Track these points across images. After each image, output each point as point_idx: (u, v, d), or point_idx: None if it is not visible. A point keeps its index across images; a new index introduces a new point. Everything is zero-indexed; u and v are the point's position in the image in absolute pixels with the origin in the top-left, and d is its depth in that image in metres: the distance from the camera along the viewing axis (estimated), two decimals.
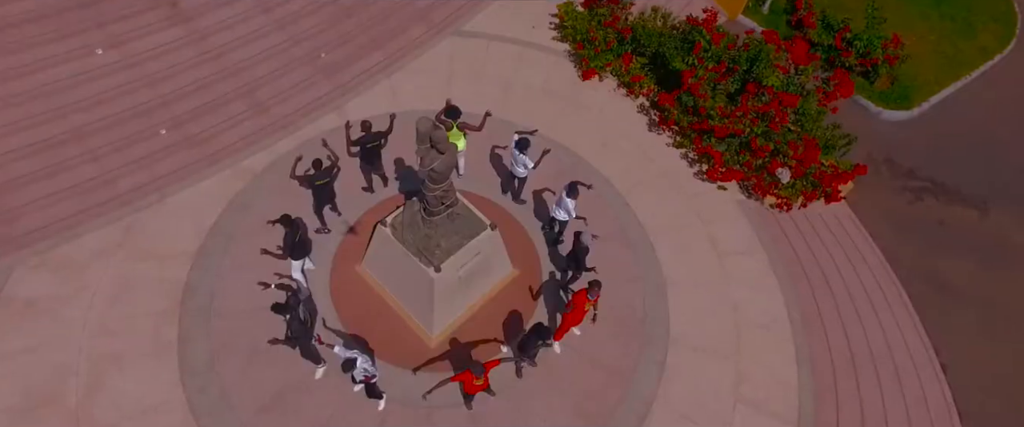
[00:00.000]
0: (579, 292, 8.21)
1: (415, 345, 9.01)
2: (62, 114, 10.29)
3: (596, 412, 8.71)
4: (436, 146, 7.14)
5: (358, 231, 10.08)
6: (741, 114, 11.17)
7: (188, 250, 9.69)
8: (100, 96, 10.60)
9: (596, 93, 12.97)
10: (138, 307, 9.07)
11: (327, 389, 8.62)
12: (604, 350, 9.31)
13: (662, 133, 12.41)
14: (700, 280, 10.31)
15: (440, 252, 8.30)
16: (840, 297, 10.38)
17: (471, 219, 8.66)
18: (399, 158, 11.20)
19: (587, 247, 8.68)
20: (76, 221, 9.67)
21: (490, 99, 12.35)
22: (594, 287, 8.00)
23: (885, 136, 13.27)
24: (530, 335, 8.05)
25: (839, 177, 10.94)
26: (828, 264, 10.83)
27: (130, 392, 8.35)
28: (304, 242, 8.87)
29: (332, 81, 12.15)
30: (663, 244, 10.68)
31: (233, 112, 11.29)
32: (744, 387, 9.18)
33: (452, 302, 8.81)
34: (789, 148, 10.92)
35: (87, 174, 10.03)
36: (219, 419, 8.25)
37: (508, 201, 10.85)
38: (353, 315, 9.22)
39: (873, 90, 13.93)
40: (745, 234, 11.03)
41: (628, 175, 11.61)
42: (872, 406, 9.12)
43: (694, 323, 9.78)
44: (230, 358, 8.74)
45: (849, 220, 11.87)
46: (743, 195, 11.65)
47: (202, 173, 10.57)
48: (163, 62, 11.27)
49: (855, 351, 9.71)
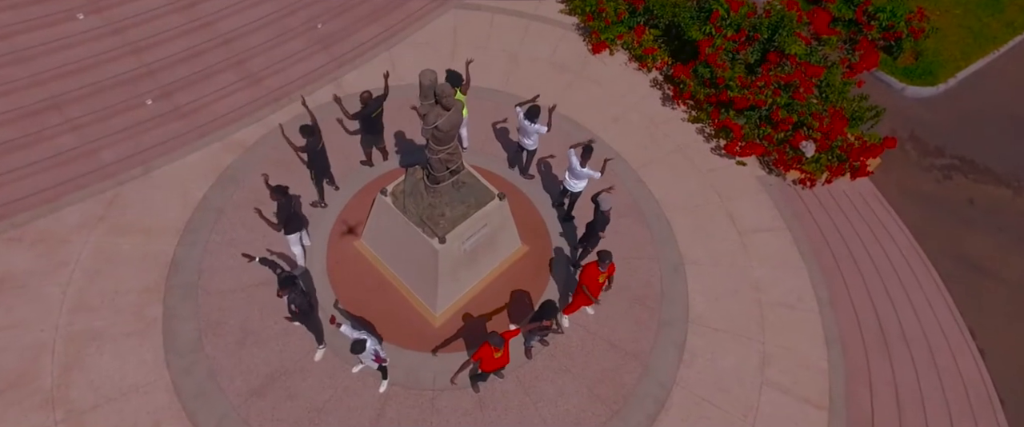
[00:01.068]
0: (589, 265, 7.59)
1: (418, 325, 8.39)
2: (39, 81, 9.68)
3: (611, 396, 8.10)
4: (441, 101, 6.53)
5: (356, 206, 9.47)
6: (762, 84, 10.55)
7: (174, 225, 9.08)
8: (81, 63, 9.98)
9: (606, 67, 12.36)
10: (120, 283, 8.46)
11: (324, 372, 8.01)
12: (619, 331, 8.70)
13: (676, 107, 11.79)
14: (720, 258, 9.70)
15: (444, 222, 7.68)
16: (868, 276, 9.76)
17: (478, 188, 8.04)
18: (399, 131, 10.61)
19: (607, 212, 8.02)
20: (55, 193, 9.05)
21: (495, 72, 11.78)
22: (605, 258, 7.37)
23: (909, 113, 12.65)
24: (539, 314, 7.41)
25: (867, 150, 10.31)
26: (854, 242, 10.22)
27: (110, 372, 7.74)
28: (297, 216, 8.24)
29: (329, 52, 11.55)
30: (680, 221, 10.08)
31: (223, 83, 10.68)
32: (770, 370, 8.57)
33: (457, 278, 8.20)
34: (814, 120, 10.30)
35: (67, 144, 9.42)
36: (206, 402, 7.63)
37: (516, 176, 10.24)
38: (352, 294, 8.61)
39: (896, 66, 13.31)
40: (766, 211, 10.41)
41: (641, 150, 11.00)
42: (908, 389, 8.51)
43: (715, 303, 9.17)
44: (219, 338, 8.13)
45: (874, 198, 11.25)
46: (763, 171, 11.04)
47: (190, 146, 9.96)
48: (149, 29, 10.66)
49: (887, 331, 9.09)
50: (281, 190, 7.72)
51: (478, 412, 7.79)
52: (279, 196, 7.73)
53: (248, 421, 7.56)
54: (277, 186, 7.74)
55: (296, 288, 6.99)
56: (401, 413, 7.73)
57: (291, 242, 8.33)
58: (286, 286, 6.87)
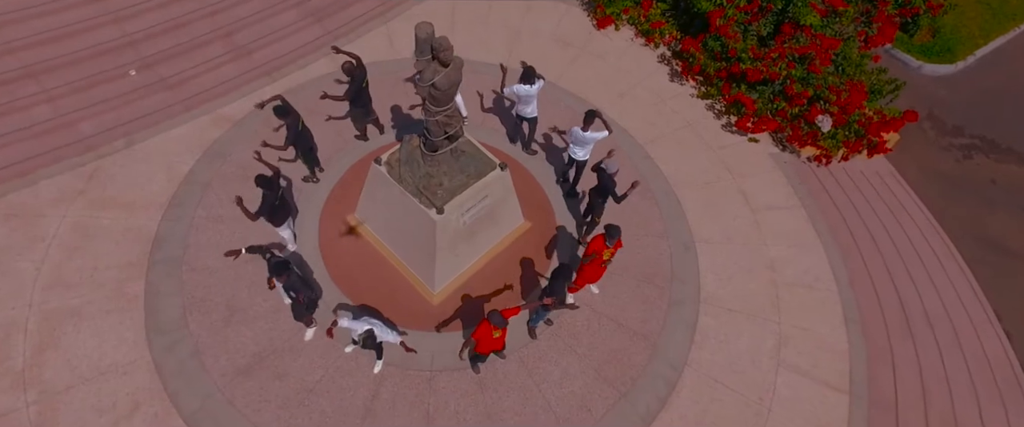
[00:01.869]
0: (595, 238, 7.12)
1: (415, 303, 7.93)
2: (12, 49, 9.18)
3: (619, 377, 7.64)
4: (438, 56, 6.04)
5: (351, 180, 9.00)
6: (776, 56, 10.07)
7: (158, 200, 8.62)
8: (59, 31, 9.49)
9: (612, 42, 11.89)
10: (100, 259, 7.99)
11: (314, 350, 7.55)
12: (627, 310, 8.23)
13: (685, 83, 11.32)
14: (733, 236, 9.23)
15: (442, 192, 7.21)
16: (888, 256, 9.30)
17: (478, 157, 7.57)
18: (396, 105, 10.15)
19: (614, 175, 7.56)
20: (30, 166, 8.58)
21: (496, 46, 11.32)
22: (613, 232, 6.90)
23: (927, 91, 12.20)
24: (553, 280, 6.93)
25: (886, 125, 9.83)
26: (872, 221, 9.75)
27: (87, 351, 7.27)
28: (286, 205, 7.70)
29: (322, 26, 11.08)
30: (690, 198, 9.61)
31: (211, 55, 10.20)
32: (786, 352, 8.10)
33: (456, 253, 7.72)
34: (831, 93, 9.81)
35: (43, 115, 8.94)
36: (189, 381, 7.17)
37: (518, 151, 9.77)
38: (345, 271, 8.14)
39: (912, 43, 12.85)
40: (780, 188, 9.94)
41: (649, 127, 10.54)
42: (932, 372, 8.05)
43: (727, 282, 8.71)
44: (204, 315, 7.66)
45: (891, 177, 10.79)
46: (776, 147, 10.56)
47: (176, 119, 9.49)
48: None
49: (909, 313, 8.63)
50: (265, 180, 7.06)
51: (478, 393, 7.32)
52: (263, 186, 7.13)
53: (234, 401, 7.10)
54: (260, 176, 7.07)
55: (292, 274, 6.47)
56: (397, 394, 7.27)
57: (280, 229, 7.83)
58: (280, 272, 6.35)
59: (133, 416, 6.89)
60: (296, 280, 6.52)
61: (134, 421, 6.86)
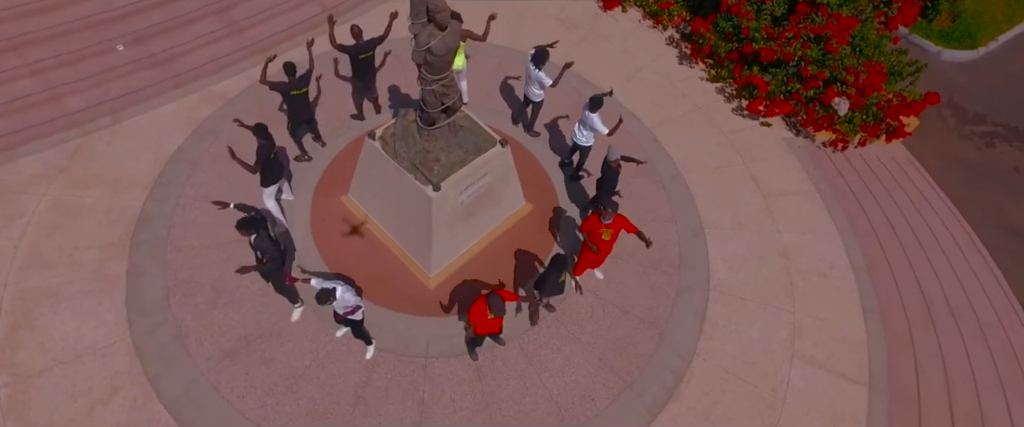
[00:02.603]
0: (591, 215, 6.73)
1: (410, 287, 7.54)
2: None
3: (624, 366, 7.23)
4: (434, 18, 5.65)
5: (345, 160, 8.62)
6: (790, 36, 9.64)
7: (144, 178, 8.26)
8: (45, 3, 9.13)
9: (618, 24, 11.48)
10: (81, 238, 7.63)
11: (304, 335, 7.17)
12: (633, 296, 7.82)
13: (694, 66, 10.90)
14: (744, 222, 8.81)
15: (439, 168, 6.82)
16: (908, 244, 8.85)
17: (478, 133, 7.18)
18: (394, 84, 9.76)
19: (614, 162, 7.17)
20: (11, 142, 8.24)
21: (499, 27, 10.87)
22: (606, 210, 6.49)
23: (946, 78, 11.74)
24: (549, 270, 6.58)
25: (907, 108, 9.37)
26: (891, 208, 9.31)
27: (64, 333, 6.91)
28: (278, 164, 7.38)
29: (320, 3, 10.71)
30: (699, 183, 9.19)
31: (204, 31, 9.85)
32: (801, 342, 7.68)
33: (454, 234, 7.33)
34: (848, 75, 9.37)
35: (26, 89, 8.59)
36: (171, 366, 6.79)
37: (521, 133, 9.37)
38: (337, 252, 7.76)
39: (931, 29, 12.39)
40: (794, 173, 9.51)
41: (657, 109, 10.12)
42: (957, 365, 7.60)
43: (739, 269, 8.29)
44: (188, 297, 7.29)
45: (909, 164, 10.34)
46: (790, 132, 10.14)
47: (166, 96, 9.14)
48: None
49: (931, 303, 8.18)
50: (262, 130, 6.86)
51: (475, 381, 6.93)
52: (260, 136, 6.86)
53: (218, 387, 6.72)
54: (259, 125, 6.88)
55: (262, 232, 6.12)
56: (390, 381, 6.88)
57: (265, 195, 7.47)
58: (250, 227, 6.02)
59: (110, 401, 6.52)
60: (265, 241, 6.13)
61: (111, 407, 6.49)
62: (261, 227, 6.14)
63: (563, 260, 6.41)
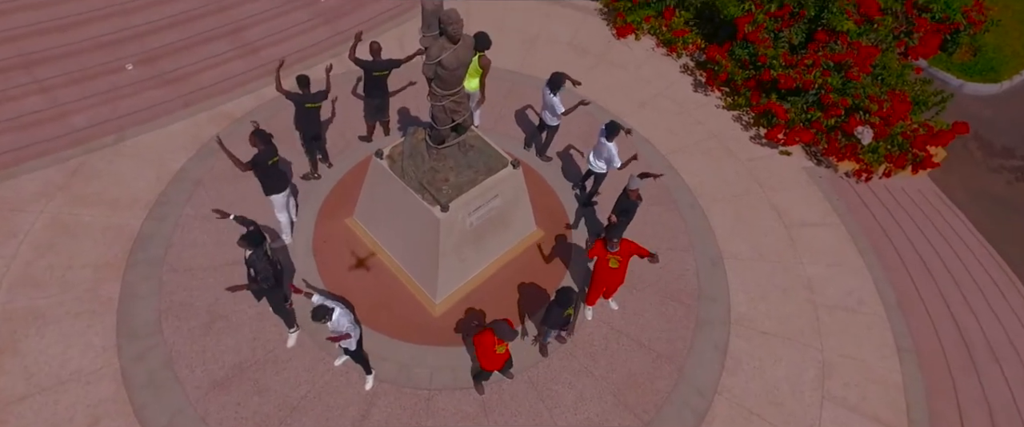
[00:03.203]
0: (596, 243, 6.36)
1: (414, 314, 7.15)
2: (9, 37, 8.81)
3: (641, 404, 6.73)
4: (446, 30, 5.45)
5: (350, 182, 8.37)
6: (810, 63, 9.41)
7: (145, 197, 8.02)
8: (59, 22, 9.13)
9: (632, 51, 11.34)
10: (75, 257, 7.35)
11: (301, 363, 6.76)
12: (649, 329, 7.37)
13: (710, 94, 10.68)
14: (765, 252, 8.40)
15: (448, 188, 6.52)
16: (941, 279, 8.38)
17: (488, 153, 6.90)
18: (404, 107, 9.59)
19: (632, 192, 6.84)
20: (13, 158, 8.07)
21: (512, 53, 10.82)
22: (613, 234, 6.12)
23: (970, 110, 11.42)
24: (553, 304, 6.18)
25: (934, 138, 9.02)
26: (920, 242, 8.87)
27: (49, 357, 6.55)
28: (281, 174, 7.11)
29: (332, 26, 10.67)
30: (718, 212, 8.83)
31: (216, 51, 9.78)
32: (832, 383, 7.16)
33: (462, 258, 6.98)
34: (871, 103, 9.08)
35: (33, 106, 8.48)
36: (159, 393, 6.39)
37: (532, 156, 9.12)
38: (338, 275, 7.42)
39: (951, 62, 12.16)
40: (817, 204, 9.13)
41: (672, 137, 9.85)
42: (1005, 412, 7.03)
43: (761, 302, 7.84)
44: (182, 321, 6.94)
45: (936, 197, 9.94)
46: (811, 161, 9.80)
47: (173, 115, 8.99)
48: None
49: (971, 344, 7.65)
50: (262, 135, 6.60)
51: (481, 417, 6.45)
52: (260, 141, 6.59)
53: (206, 418, 6.29)
54: (259, 131, 6.62)
55: (260, 250, 5.81)
56: (390, 415, 6.42)
57: (276, 206, 7.19)
58: (251, 242, 5.70)
59: None
60: (261, 259, 5.80)
61: None
62: (260, 243, 5.83)
63: (569, 295, 6.01)
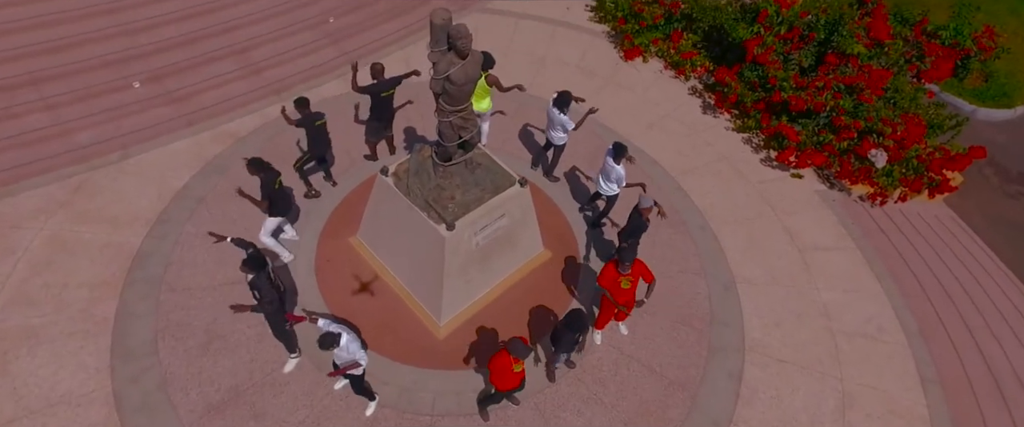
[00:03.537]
0: (606, 266, 6.13)
1: (418, 336, 6.92)
2: (18, 55, 8.81)
3: None
4: (455, 45, 5.35)
5: (354, 201, 8.23)
6: (821, 85, 9.31)
7: (146, 215, 7.90)
8: (68, 40, 9.15)
9: (639, 73, 11.28)
10: (72, 276, 7.18)
11: (299, 387, 6.52)
12: (661, 354, 7.11)
13: (719, 116, 10.57)
14: (778, 277, 8.16)
15: (454, 206, 6.35)
16: (963, 306, 8.10)
17: (495, 171, 6.75)
18: (410, 127, 9.50)
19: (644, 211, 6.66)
20: (15, 175, 7.98)
21: (520, 74, 10.76)
22: (626, 256, 5.90)
23: (984, 136, 11.25)
24: (562, 328, 5.95)
25: (951, 162, 8.83)
26: (940, 268, 8.61)
27: (40, 379, 6.34)
28: (285, 194, 7.00)
29: (338, 47, 10.67)
30: (729, 234, 8.62)
31: (221, 70, 9.77)
32: (853, 414, 6.85)
33: (467, 279, 6.78)
34: (885, 126, 8.92)
35: (37, 123, 8.43)
36: (152, 418, 6.15)
37: (539, 176, 8.97)
38: (340, 296, 7.22)
39: (963, 87, 12.05)
40: (830, 227, 8.92)
41: (681, 158, 9.70)
42: None
43: (775, 328, 7.57)
44: (179, 341, 6.73)
45: (954, 223, 9.71)
46: (823, 184, 9.61)
47: (177, 133, 8.93)
48: (147, 11, 9.88)
49: (999, 375, 7.34)
50: (258, 163, 6.51)
51: None
52: (258, 171, 6.51)
53: None
54: (255, 159, 6.53)
55: (263, 273, 5.63)
56: None
57: (265, 228, 7.04)
58: (253, 266, 5.54)
59: None
60: (264, 282, 5.62)
61: None
62: (263, 266, 5.64)
63: (581, 319, 5.78)
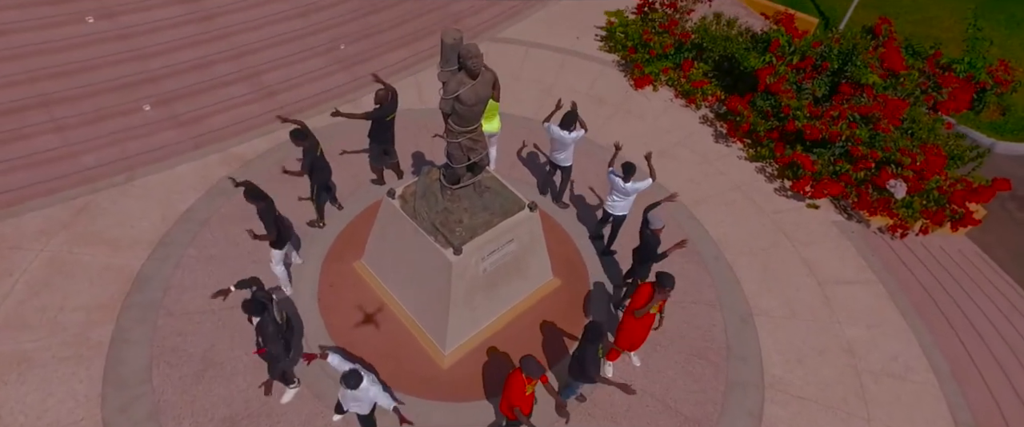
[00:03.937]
0: (642, 287, 5.88)
1: (421, 365, 6.64)
2: (31, 78, 8.84)
3: None
4: (465, 65, 5.25)
5: (359, 225, 8.06)
6: (836, 114, 9.15)
7: (148, 237, 7.75)
8: (80, 64, 9.19)
9: (649, 102, 11.20)
10: (69, 299, 7.00)
11: (296, 417, 6.23)
12: (675, 389, 6.77)
13: (731, 144, 10.41)
14: (797, 310, 7.84)
15: (461, 230, 6.16)
16: (994, 345, 7.73)
17: (504, 195, 6.58)
18: (418, 152, 9.40)
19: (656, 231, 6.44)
20: (19, 196, 7.89)
21: (529, 101, 10.71)
22: (665, 281, 5.65)
23: (1005, 170, 11.04)
24: (585, 343, 5.63)
25: (974, 193, 8.56)
26: (968, 305, 8.26)
27: (26, 407, 6.09)
28: (285, 222, 6.83)
29: (350, 73, 10.68)
30: (744, 265, 8.35)
31: (232, 94, 9.76)
32: None
33: (473, 306, 6.53)
34: (904, 156, 8.70)
35: (46, 144, 8.38)
36: None
37: (548, 203, 8.79)
38: (343, 324, 6.98)
39: (979, 120, 11.87)
40: (850, 260, 8.62)
41: (694, 187, 9.51)
42: None
43: (797, 364, 7.23)
44: (174, 368, 6.49)
45: (978, 258, 9.39)
46: (840, 215, 9.36)
47: (184, 156, 8.86)
48: (160, 37, 9.93)
49: None
50: (252, 190, 6.26)
51: None
52: (255, 200, 6.29)
53: None
54: (250, 188, 6.26)
55: (268, 315, 5.38)
56: None
57: (274, 259, 6.84)
58: (256, 310, 5.29)
59: None
60: (269, 327, 5.37)
61: None
62: (266, 310, 5.39)
63: (598, 328, 5.50)
